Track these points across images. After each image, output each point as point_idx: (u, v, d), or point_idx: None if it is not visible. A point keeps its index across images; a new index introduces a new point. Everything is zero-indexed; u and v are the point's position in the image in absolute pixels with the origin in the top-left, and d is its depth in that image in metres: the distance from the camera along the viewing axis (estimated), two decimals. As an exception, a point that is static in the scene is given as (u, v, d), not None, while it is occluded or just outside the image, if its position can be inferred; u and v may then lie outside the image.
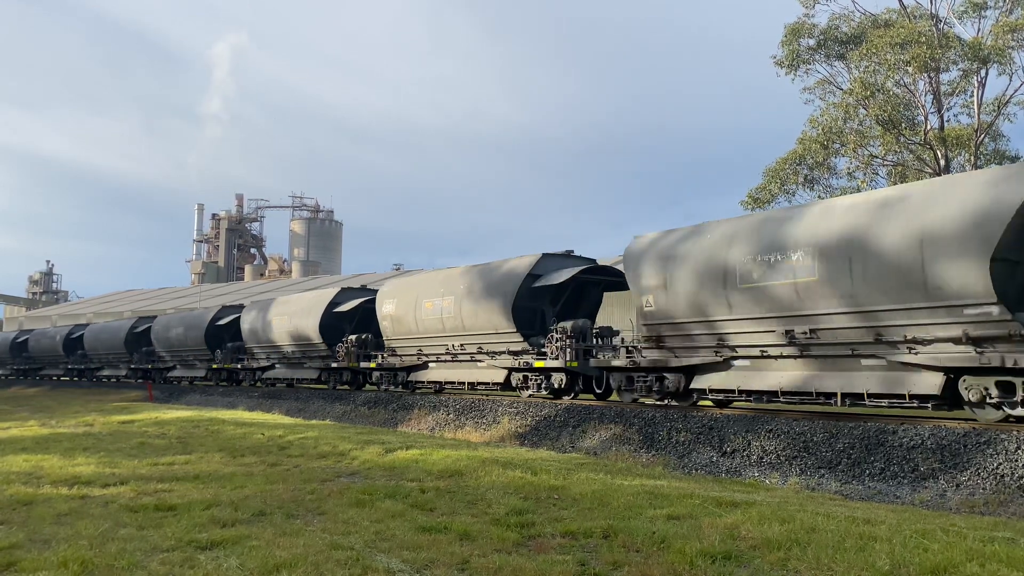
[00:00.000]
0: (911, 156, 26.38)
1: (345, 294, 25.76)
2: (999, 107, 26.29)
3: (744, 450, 12.12)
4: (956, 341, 10.67)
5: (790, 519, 7.39)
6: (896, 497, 9.82)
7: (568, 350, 16.90)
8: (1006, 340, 10.21)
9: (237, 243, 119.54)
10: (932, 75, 25.26)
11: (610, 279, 18.53)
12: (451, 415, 18.21)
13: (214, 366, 32.13)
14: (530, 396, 18.17)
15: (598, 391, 17.35)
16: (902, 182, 26.47)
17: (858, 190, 27.12)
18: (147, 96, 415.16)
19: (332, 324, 25.10)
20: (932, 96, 26.11)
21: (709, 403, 15.03)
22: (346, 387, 25.27)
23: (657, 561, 6.10)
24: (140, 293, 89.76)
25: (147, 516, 7.83)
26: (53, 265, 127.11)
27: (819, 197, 27.75)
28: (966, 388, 10.87)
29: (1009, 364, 10.13)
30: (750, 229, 13.47)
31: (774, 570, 5.90)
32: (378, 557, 6.24)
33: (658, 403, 15.31)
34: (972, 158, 25.94)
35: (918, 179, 26.24)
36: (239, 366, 30.95)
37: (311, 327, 25.53)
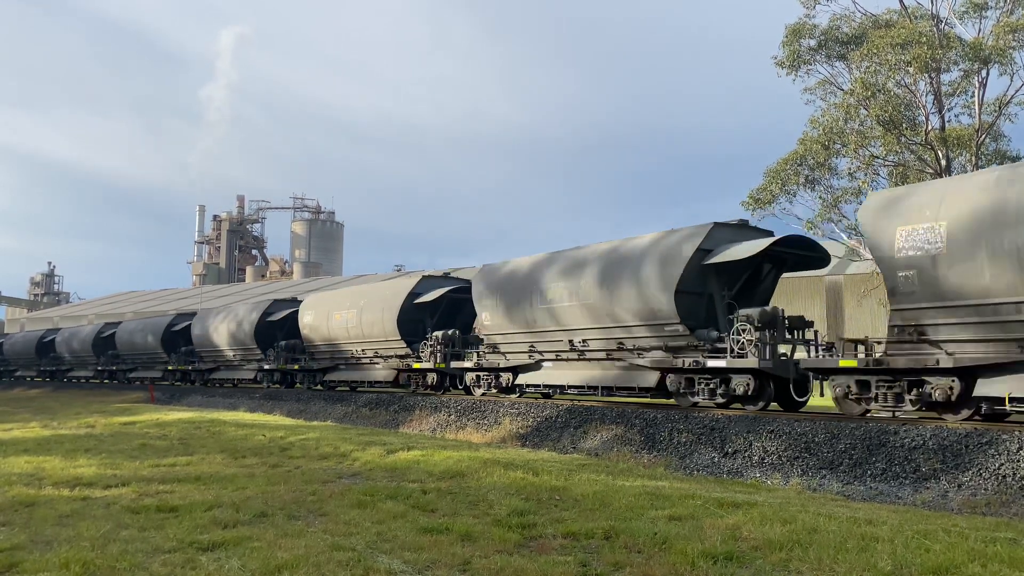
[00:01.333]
0: (912, 156, 26.35)
1: (276, 304, 30.33)
2: (1000, 107, 26.24)
3: (746, 451, 12.11)
4: (662, 349, 15.12)
5: (792, 520, 7.39)
6: (898, 498, 9.82)
7: (438, 355, 21.05)
8: (692, 349, 14.74)
9: (238, 244, 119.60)
10: (933, 75, 25.22)
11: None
12: (452, 416, 18.21)
13: (169, 367, 35.98)
14: (412, 391, 22.51)
15: (459, 387, 21.51)
16: (904, 182, 26.44)
17: (859, 191, 27.11)
18: (147, 97, 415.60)
19: (265, 330, 29.55)
20: (933, 96, 26.06)
21: (532, 395, 18.81)
22: (277, 385, 29.47)
23: (659, 562, 6.10)
24: (141, 294, 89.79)
25: (149, 517, 7.84)
26: (55, 266, 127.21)
27: (820, 198, 27.74)
28: (669, 382, 15.23)
29: (689, 365, 14.63)
30: (550, 261, 17.94)
31: (776, 571, 5.90)
32: (380, 558, 6.24)
33: (496, 397, 19.05)
34: (973, 158, 25.91)
35: (919, 179, 26.22)
36: (190, 368, 34.60)
37: (246, 334, 29.89)
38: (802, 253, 15.48)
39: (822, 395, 14.25)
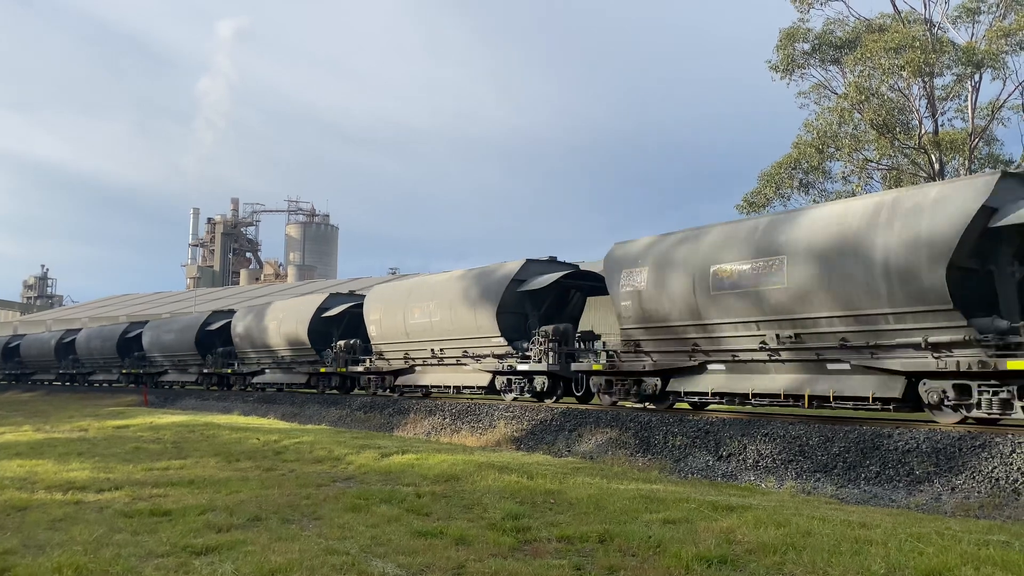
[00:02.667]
0: (906, 160, 26.46)
1: (215, 316, 33.16)
2: (993, 111, 26.38)
3: (740, 454, 12.13)
4: (491, 357, 18.77)
5: (786, 523, 7.40)
6: (892, 501, 9.84)
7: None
8: (511, 356, 17.91)
9: (232, 247, 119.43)
10: (926, 79, 25.34)
11: (592, 284, 19.03)
12: (447, 419, 18.20)
13: (124, 371, 38.99)
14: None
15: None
16: (897, 186, 26.55)
17: (853, 194, 27.20)
18: (140, 99, 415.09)
19: (205, 338, 32.69)
20: (926, 100, 26.20)
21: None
22: (215, 388, 32.21)
23: (653, 565, 6.10)
24: (135, 297, 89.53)
25: (142, 521, 7.81)
26: (48, 269, 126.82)
27: (814, 201, 27.83)
28: (496, 383, 18.70)
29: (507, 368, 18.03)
30: (417, 285, 22.28)
31: (770, 574, 5.91)
32: (374, 562, 6.23)
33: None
34: (966, 162, 26.04)
35: (913, 183, 26.34)
36: (142, 371, 37.71)
37: (187, 343, 33.44)
38: (593, 284, 18.72)
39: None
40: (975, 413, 11.00)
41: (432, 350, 20.89)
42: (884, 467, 10.44)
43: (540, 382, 17.98)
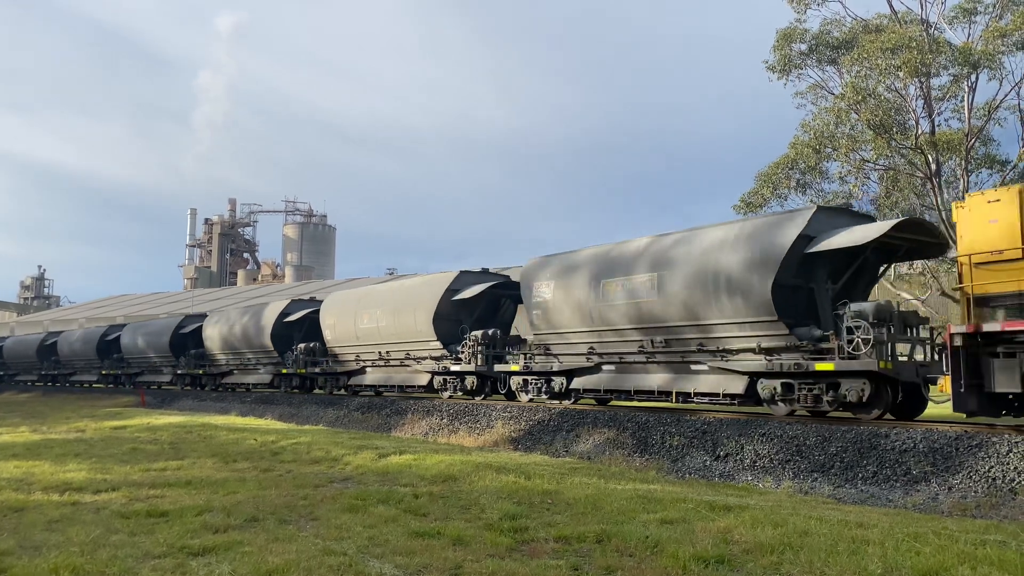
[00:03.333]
0: (903, 161, 26.48)
1: (188, 319, 35.42)
2: (989, 112, 26.40)
3: (737, 454, 12.14)
4: (430, 359, 21.10)
5: (783, 523, 7.40)
6: (889, 500, 9.85)
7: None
8: (447, 358, 20.58)
9: (230, 248, 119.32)
10: (923, 80, 25.35)
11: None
12: (444, 420, 18.19)
13: (103, 372, 40.60)
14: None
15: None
16: (894, 187, 26.59)
17: (850, 194, 27.23)
18: (137, 99, 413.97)
19: (178, 341, 34.70)
20: (923, 101, 26.20)
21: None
22: (188, 387, 34.30)
23: (650, 565, 6.11)
24: (131, 298, 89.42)
25: (139, 522, 7.80)
26: (45, 270, 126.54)
27: (811, 201, 27.84)
28: (435, 382, 21.20)
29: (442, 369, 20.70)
30: (366, 294, 24.96)
31: (767, 574, 5.91)
32: (371, 563, 6.22)
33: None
34: (963, 162, 26.06)
35: (909, 184, 26.37)
36: (120, 372, 39.57)
37: (162, 345, 35.06)
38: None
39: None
40: (796, 407, 13.15)
41: (379, 352, 23.18)
42: (881, 467, 10.45)
43: (470, 381, 20.16)
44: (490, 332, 19.92)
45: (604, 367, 16.37)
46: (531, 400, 18.24)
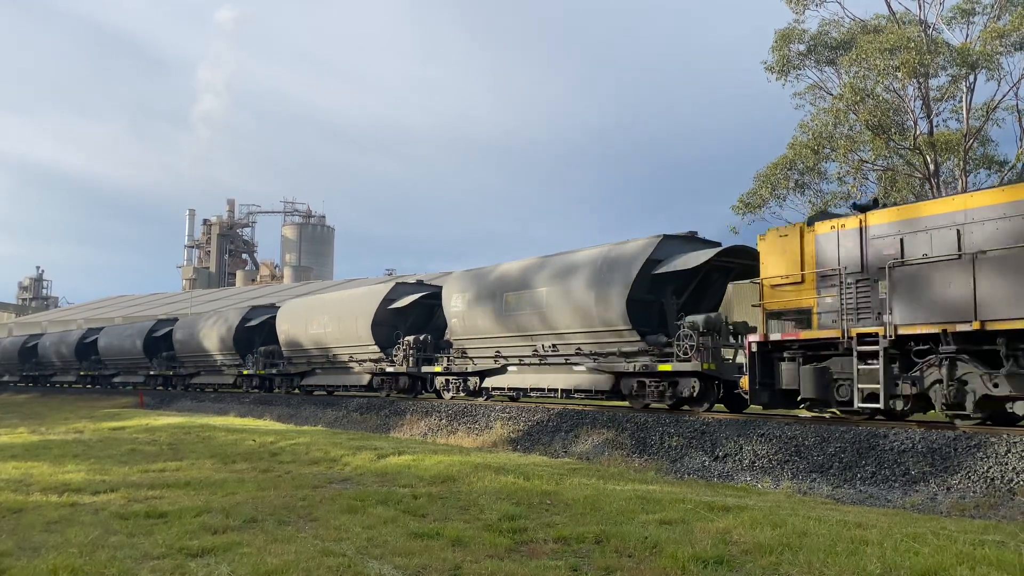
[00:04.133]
0: (901, 161, 26.50)
1: (160, 324, 37.91)
2: (988, 112, 26.43)
3: (736, 454, 12.14)
4: (371, 361, 23.58)
5: (782, 523, 7.41)
6: (887, 501, 9.86)
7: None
8: (383, 360, 23.13)
9: (229, 248, 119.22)
10: (921, 80, 25.38)
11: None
12: (444, 420, 18.19)
13: (81, 373, 42.99)
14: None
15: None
16: (892, 187, 26.60)
17: (849, 195, 27.25)
18: (135, 100, 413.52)
19: (151, 345, 36.97)
20: (921, 101, 26.23)
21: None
22: (160, 387, 36.69)
23: (649, 566, 6.11)
24: (130, 299, 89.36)
25: (137, 523, 7.80)
26: (43, 271, 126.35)
27: (810, 202, 27.88)
28: (374, 382, 23.65)
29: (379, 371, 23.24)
30: (315, 302, 28.22)
31: (766, 574, 5.92)
32: (370, 563, 6.22)
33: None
34: (961, 163, 26.09)
35: (907, 185, 26.38)
36: (96, 373, 41.97)
37: (136, 348, 37.24)
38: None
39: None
40: (648, 401, 15.61)
41: (326, 356, 25.67)
42: (880, 467, 10.46)
43: (403, 381, 22.76)
44: (421, 337, 22.30)
45: (509, 368, 18.98)
46: (452, 397, 20.87)
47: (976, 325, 10.38)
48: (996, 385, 10.49)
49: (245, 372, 30.33)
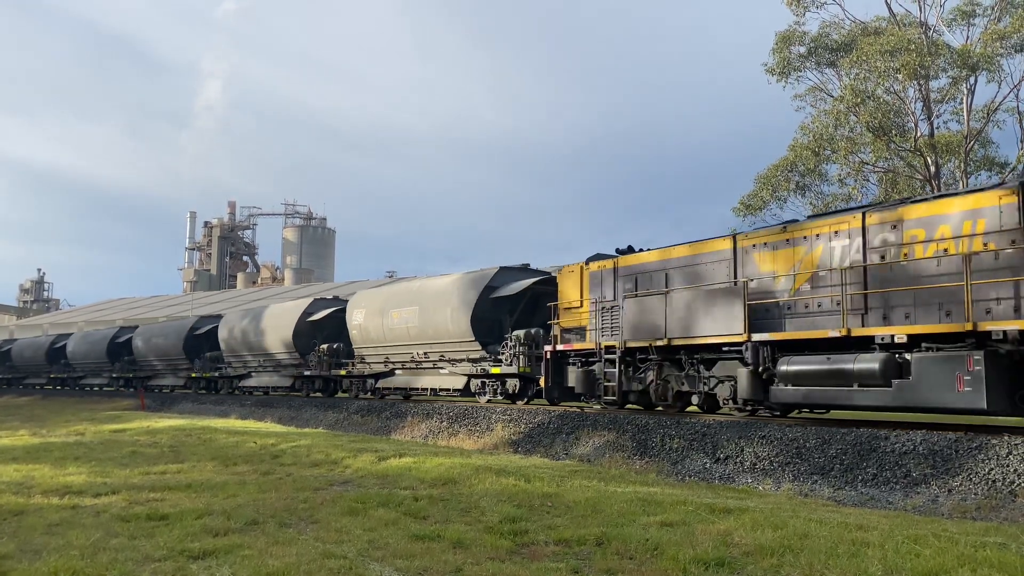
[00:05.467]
0: (902, 163, 26.53)
1: (123, 331, 41.14)
2: (988, 114, 26.48)
3: (737, 456, 12.13)
4: (294, 366, 27.63)
5: (783, 525, 7.41)
6: (888, 503, 9.85)
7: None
8: (301, 366, 27.32)
9: (229, 251, 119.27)
10: (922, 82, 25.42)
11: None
12: (444, 423, 18.19)
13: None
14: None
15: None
16: (893, 188, 26.62)
17: (849, 196, 27.28)
18: (134, 102, 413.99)
19: (113, 350, 40.26)
20: (922, 103, 26.27)
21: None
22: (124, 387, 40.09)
23: (651, 568, 6.11)
24: (131, 301, 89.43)
25: (139, 525, 7.80)
26: (44, 273, 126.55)
27: (811, 204, 27.91)
28: (295, 384, 27.71)
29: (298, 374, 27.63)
30: (257, 312, 31.25)
31: (767, 576, 5.91)
32: (371, 566, 6.22)
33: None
34: (962, 164, 26.10)
35: (908, 186, 26.39)
36: (65, 376, 45.39)
37: (100, 352, 40.57)
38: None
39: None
40: (489, 397, 19.80)
41: (259, 362, 30.25)
42: (881, 469, 10.45)
43: (318, 383, 27.06)
44: (334, 346, 26.04)
45: (396, 371, 23.32)
46: (357, 397, 24.68)
47: (665, 341, 14.32)
48: (682, 383, 14.56)
49: (193, 375, 34.36)
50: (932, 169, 25.62)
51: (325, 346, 26.04)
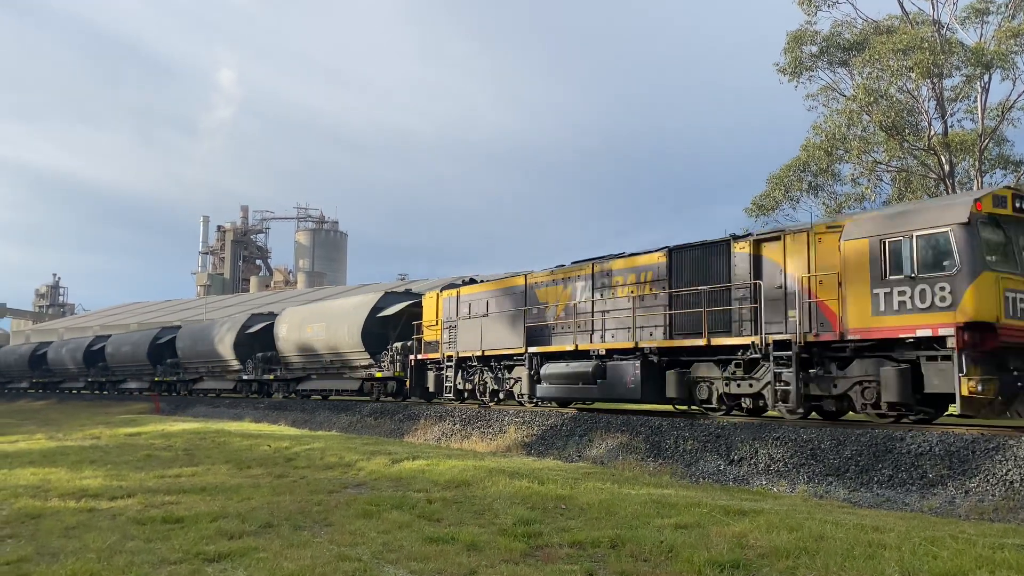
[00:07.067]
0: (915, 162, 26.34)
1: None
2: (1003, 112, 26.24)
3: (751, 458, 12.08)
4: (237, 371, 32.69)
5: (798, 527, 7.37)
6: (905, 504, 9.78)
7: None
8: (242, 372, 32.38)
9: (242, 255, 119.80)
10: (935, 81, 25.23)
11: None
12: (457, 425, 18.20)
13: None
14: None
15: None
16: (907, 188, 26.44)
17: (862, 196, 27.12)
18: (143, 108, 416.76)
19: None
20: (935, 102, 26.07)
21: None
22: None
23: (665, 570, 6.09)
24: (146, 305, 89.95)
25: (154, 528, 7.84)
26: (60, 278, 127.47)
27: (823, 204, 27.77)
28: (240, 386, 33.07)
29: (240, 378, 32.85)
30: (221, 321, 37.07)
31: (783, 579, 5.88)
32: (385, 568, 6.23)
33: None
34: (976, 163, 25.90)
35: (922, 185, 26.21)
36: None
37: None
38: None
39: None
40: (376, 395, 24.55)
41: (211, 367, 34.60)
42: (897, 470, 10.38)
43: (254, 385, 31.69)
44: (268, 354, 30.45)
45: (312, 376, 28.27)
46: (284, 397, 29.63)
47: (481, 352, 19.08)
48: (494, 383, 19.06)
49: (156, 379, 37.95)
50: (946, 168, 25.43)
51: (260, 354, 31.03)
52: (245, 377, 31.57)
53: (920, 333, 10.90)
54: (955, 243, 10.71)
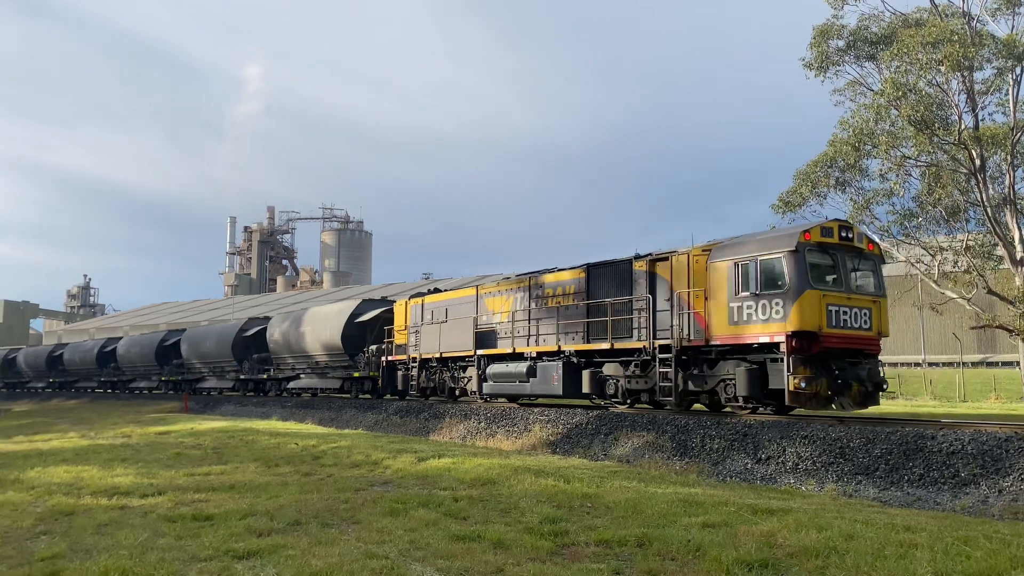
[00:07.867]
0: (945, 157, 25.93)
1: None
2: (1035, 105, 25.73)
3: (779, 457, 11.98)
4: (235, 371, 35.79)
5: (827, 526, 7.29)
6: (936, 504, 9.64)
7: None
8: (239, 372, 35.93)
9: (269, 255, 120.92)
10: (965, 74, 24.80)
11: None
12: (482, 423, 18.22)
13: (242, 377, 45.74)
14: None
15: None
16: (936, 183, 26.04)
17: (891, 192, 26.76)
18: (170, 110, 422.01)
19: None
20: (966, 95, 25.62)
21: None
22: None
23: (693, 569, 6.06)
24: (174, 305, 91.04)
25: (185, 526, 7.94)
26: (90, 279, 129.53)
27: (851, 200, 27.44)
28: (239, 384, 35.79)
29: (238, 377, 36.33)
30: (195, 330, 42.01)
31: (812, 578, 5.82)
32: (413, 566, 6.26)
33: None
34: (1009, 157, 25.44)
35: (952, 180, 25.80)
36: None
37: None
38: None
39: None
40: (355, 393, 26.79)
41: (210, 367, 37.31)
42: (928, 469, 10.24)
43: (251, 384, 34.24)
44: (263, 355, 33.11)
45: (301, 376, 30.46)
46: (277, 395, 32.00)
47: (439, 354, 21.57)
48: (452, 382, 21.57)
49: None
50: (977, 163, 25.01)
51: (256, 355, 33.58)
52: (242, 376, 34.46)
53: (762, 340, 13.08)
54: (785, 267, 12.97)
